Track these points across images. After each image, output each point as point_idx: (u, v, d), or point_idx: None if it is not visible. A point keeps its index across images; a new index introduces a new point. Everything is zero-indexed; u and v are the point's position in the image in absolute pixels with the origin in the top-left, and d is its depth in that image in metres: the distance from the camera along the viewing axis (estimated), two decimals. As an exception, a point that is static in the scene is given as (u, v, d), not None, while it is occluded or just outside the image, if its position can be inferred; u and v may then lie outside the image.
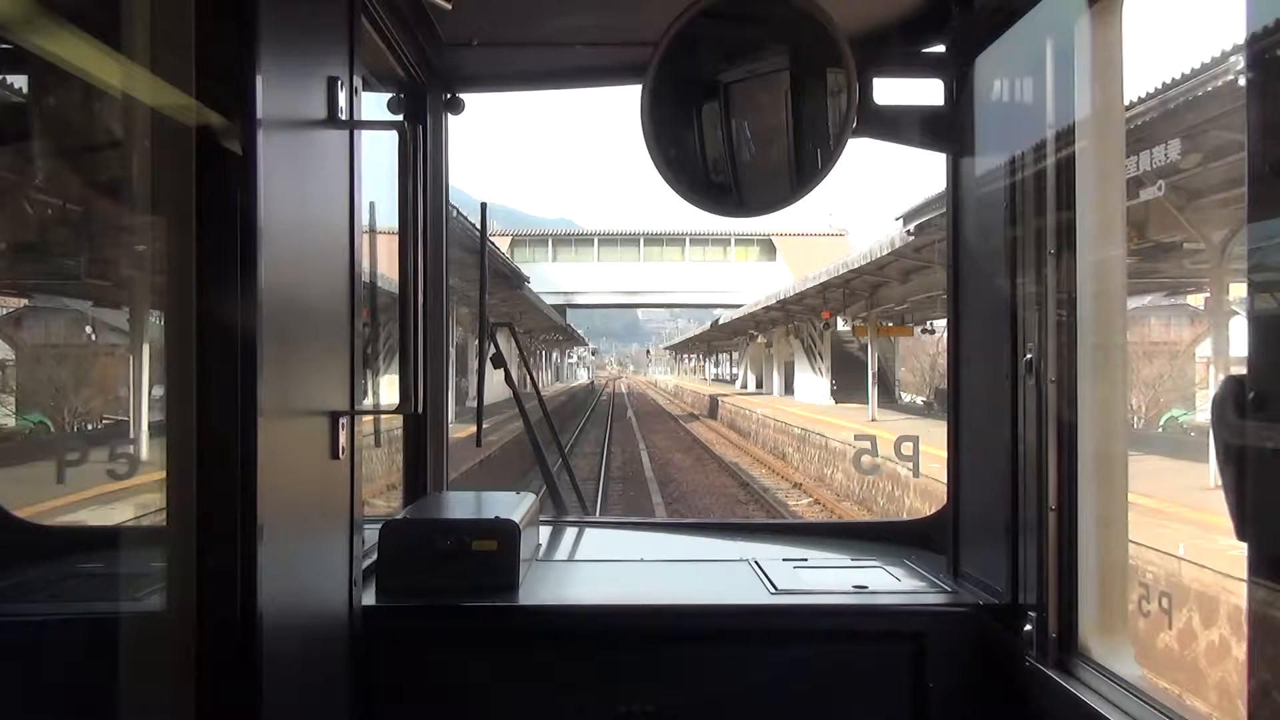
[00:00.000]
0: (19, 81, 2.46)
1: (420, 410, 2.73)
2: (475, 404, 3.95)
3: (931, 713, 2.71)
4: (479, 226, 4.17)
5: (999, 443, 2.66)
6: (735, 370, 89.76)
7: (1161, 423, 32.18)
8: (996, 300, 2.67)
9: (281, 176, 1.96)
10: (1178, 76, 11.83)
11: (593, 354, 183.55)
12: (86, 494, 2.72)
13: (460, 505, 3.51)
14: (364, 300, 2.49)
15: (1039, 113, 2.49)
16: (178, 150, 1.82)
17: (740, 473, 30.05)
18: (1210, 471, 12.70)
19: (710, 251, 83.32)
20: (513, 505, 3.13)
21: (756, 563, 3.20)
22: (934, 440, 3.33)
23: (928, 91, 2.95)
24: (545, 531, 3.65)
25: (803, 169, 2.77)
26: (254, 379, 1.83)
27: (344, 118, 2.30)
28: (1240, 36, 1.47)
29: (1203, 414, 27.53)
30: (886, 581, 3.01)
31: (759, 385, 66.55)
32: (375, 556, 2.85)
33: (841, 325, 41.44)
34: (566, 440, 31.53)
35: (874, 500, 22.88)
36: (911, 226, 23.36)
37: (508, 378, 3.94)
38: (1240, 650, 8.99)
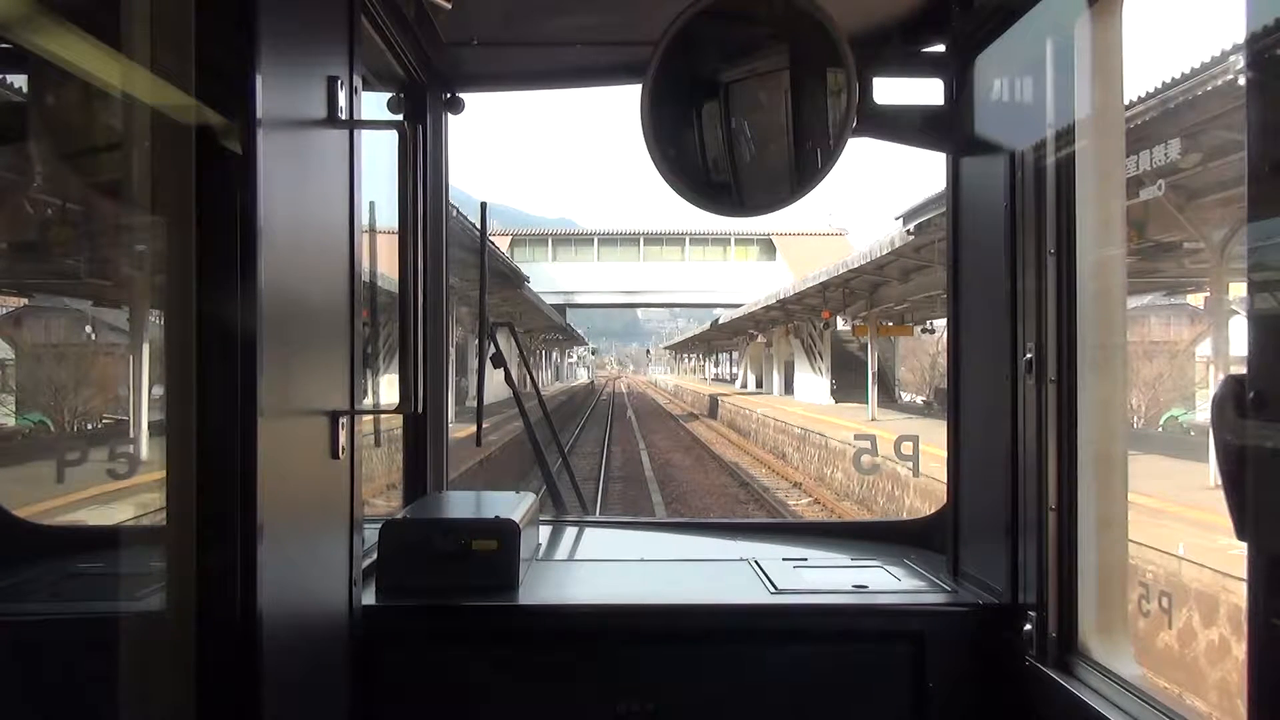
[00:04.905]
0: (19, 81, 2.46)
1: (420, 410, 2.73)
2: (475, 404, 3.95)
3: (931, 713, 2.71)
4: (479, 226, 4.17)
5: (999, 443, 2.66)
6: (735, 370, 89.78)
7: (1161, 422, 32.19)
8: (996, 300, 2.67)
9: (281, 176, 1.96)
10: (1177, 76, 11.83)
11: (592, 353, 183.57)
12: (86, 494, 2.72)
13: (460, 505, 3.51)
14: (364, 300, 2.48)
15: (1039, 112, 2.49)
16: (178, 150, 1.82)
17: (740, 472, 30.04)
18: (1210, 471, 12.70)
19: (710, 251, 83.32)
20: (513, 505, 3.12)
21: (756, 562, 3.19)
22: (934, 440, 3.33)
23: (928, 91, 2.96)
24: (545, 531, 3.65)
25: (803, 169, 2.77)
26: (254, 379, 1.83)
27: (344, 117, 2.30)
28: (1240, 36, 1.47)
29: (1202, 413, 27.54)
30: (886, 581, 3.01)
31: (759, 385, 66.56)
32: (375, 556, 2.85)
33: (841, 325, 41.46)
34: (566, 440, 31.54)
35: (874, 500, 22.88)
36: (911, 226, 23.35)
37: (508, 377, 3.94)
38: (1240, 650, 9.00)
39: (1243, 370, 1.43)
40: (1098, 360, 2.40)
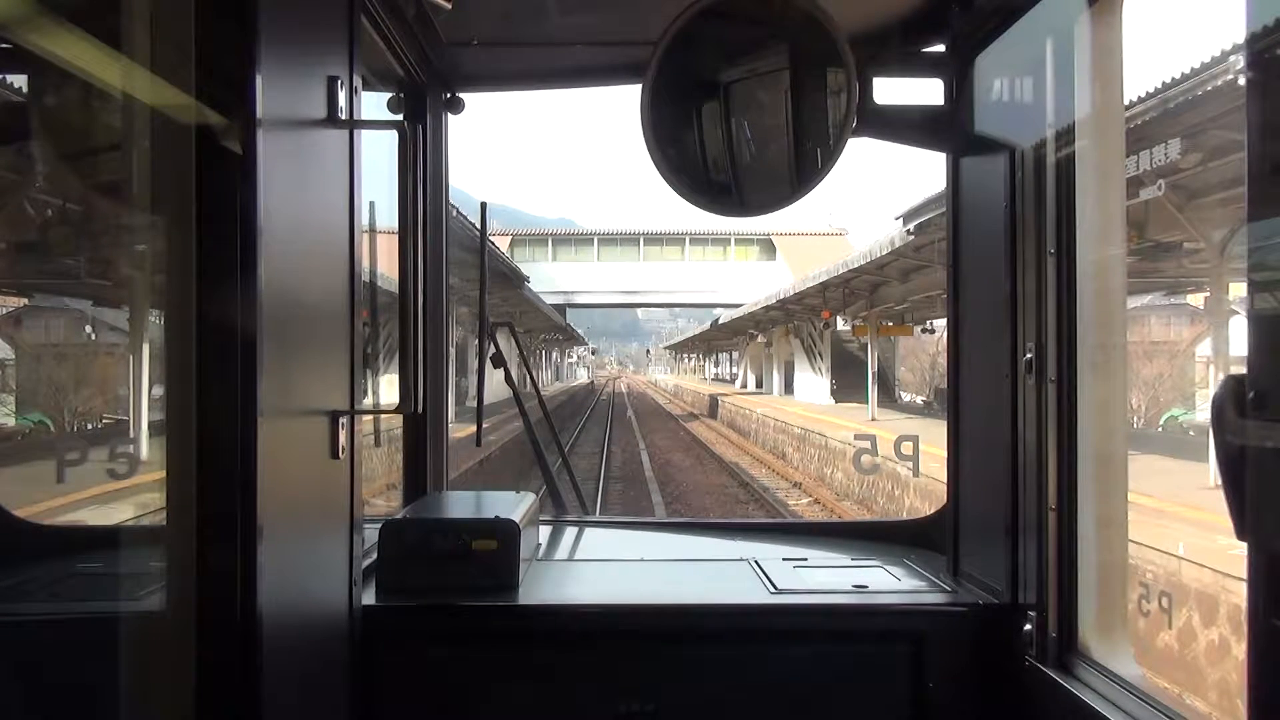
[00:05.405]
0: (19, 81, 2.46)
1: (420, 410, 2.73)
2: (475, 404, 3.95)
3: (931, 713, 2.71)
4: (479, 226, 4.17)
5: (999, 443, 2.66)
6: (735, 370, 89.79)
7: (1161, 422, 32.20)
8: (996, 300, 2.67)
9: (281, 176, 1.96)
10: (1177, 76, 11.83)
11: (592, 353, 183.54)
12: (86, 494, 2.72)
13: (460, 505, 3.51)
14: (364, 300, 2.48)
15: (1039, 112, 2.49)
16: (178, 150, 1.82)
17: (740, 472, 30.04)
18: (1210, 471, 12.71)
19: (710, 251, 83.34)
20: (513, 505, 3.13)
21: (756, 562, 3.20)
22: (934, 440, 3.33)
23: (928, 91, 2.96)
24: (545, 531, 3.65)
25: (803, 169, 2.76)
26: (254, 379, 1.83)
27: (344, 117, 2.30)
28: (1240, 36, 1.47)
29: (1202, 413, 27.54)
30: (886, 581, 3.01)
31: (759, 385, 66.55)
32: (375, 556, 2.85)
33: (841, 325, 41.46)
34: (566, 440, 31.53)
35: (874, 500, 22.88)
36: (911, 226, 23.35)
37: (508, 377, 3.94)
38: (1240, 649, 9.00)
39: (1243, 370, 1.43)
40: (1098, 360, 2.40)
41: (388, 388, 2.70)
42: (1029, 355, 2.55)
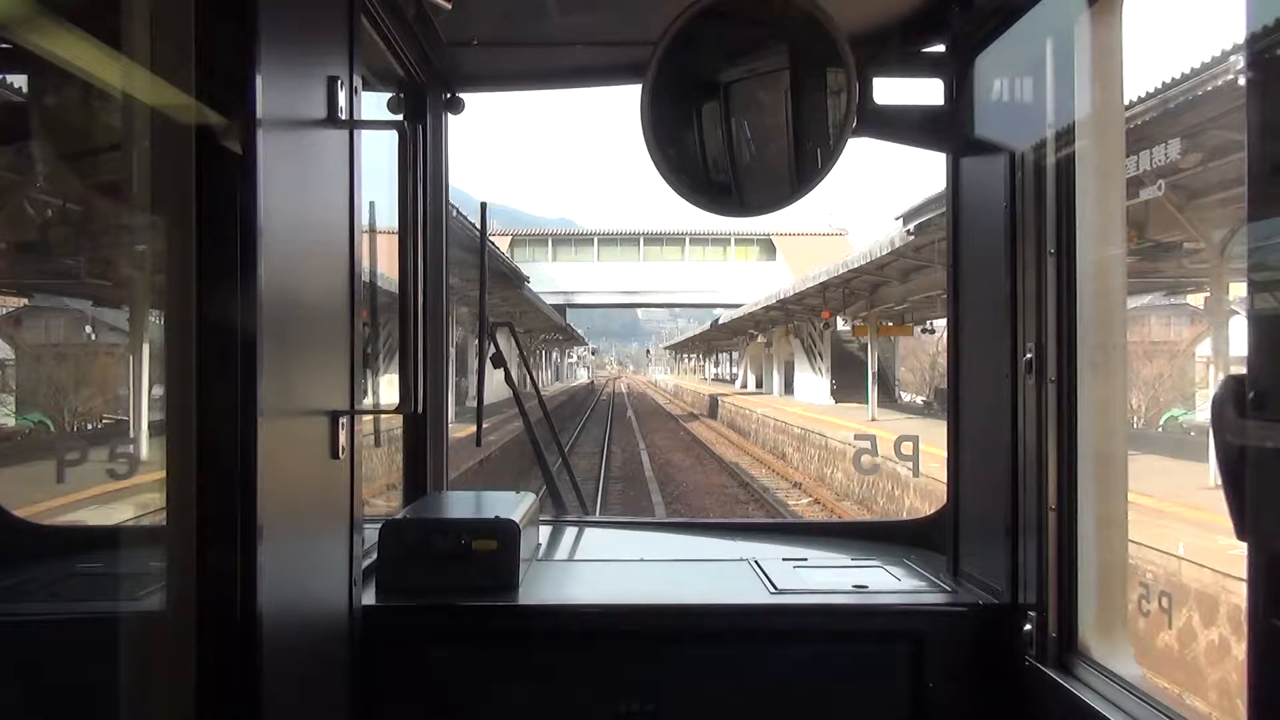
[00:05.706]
0: (19, 81, 2.46)
1: (420, 410, 2.73)
2: (475, 404, 3.95)
3: (931, 713, 2.71)
4: (479, 226, 4.17)
5: (999, 443, 2.66)
6: (735, 370, 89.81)
7: (1161, 422, 32.20)
8: (996, 300, 2.67)
9: (281, 176, 1.96)
10: (1177, 76, 11.84)
11: (592, 354, 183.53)
12: (86, 494, 2.72)
13: (460, 505, 3.51)
14: (364, 300, 2.48)
15: (1039, 112, 2.49)
16: (178, 150, 1.82)
17: (740, 472, 30.04)
18: (1210, 471, 12.71)
19: (710, 251, 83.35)
20: (513, 505, 3.13)
21: (756, 562, 3.20)
22: (934, 440, 3.33)
23: (928, 91, 2.96)
24: (545, 531, 3.65)
25: (803, 169, 2.76)
26: (254, 379, 1.83)
27: (344, 117, 2.30)
28: (1240, 36, 1.47)
29: (1202, 413, 27.55)
30: (886, 581, 3.01)
31: (759, 385, 66.56)
32: (375, 556, 2.85)
33: (841, 325, 41.47)
34: (566, 440, 31.52)
35: (874, 500, 22.88)
36: (911, 226, 23.35)
37: (508, 377, 3.94)
38: (1240, 649, 9.00)
39: (1243, 370, 1.43)
40: (1098, 360, 2.40)
41: (388, 388, 2.70)
42: (1029, 355, 2.55)
